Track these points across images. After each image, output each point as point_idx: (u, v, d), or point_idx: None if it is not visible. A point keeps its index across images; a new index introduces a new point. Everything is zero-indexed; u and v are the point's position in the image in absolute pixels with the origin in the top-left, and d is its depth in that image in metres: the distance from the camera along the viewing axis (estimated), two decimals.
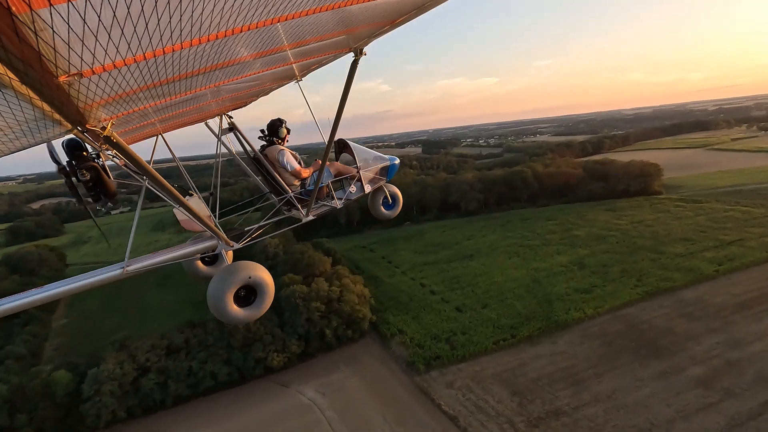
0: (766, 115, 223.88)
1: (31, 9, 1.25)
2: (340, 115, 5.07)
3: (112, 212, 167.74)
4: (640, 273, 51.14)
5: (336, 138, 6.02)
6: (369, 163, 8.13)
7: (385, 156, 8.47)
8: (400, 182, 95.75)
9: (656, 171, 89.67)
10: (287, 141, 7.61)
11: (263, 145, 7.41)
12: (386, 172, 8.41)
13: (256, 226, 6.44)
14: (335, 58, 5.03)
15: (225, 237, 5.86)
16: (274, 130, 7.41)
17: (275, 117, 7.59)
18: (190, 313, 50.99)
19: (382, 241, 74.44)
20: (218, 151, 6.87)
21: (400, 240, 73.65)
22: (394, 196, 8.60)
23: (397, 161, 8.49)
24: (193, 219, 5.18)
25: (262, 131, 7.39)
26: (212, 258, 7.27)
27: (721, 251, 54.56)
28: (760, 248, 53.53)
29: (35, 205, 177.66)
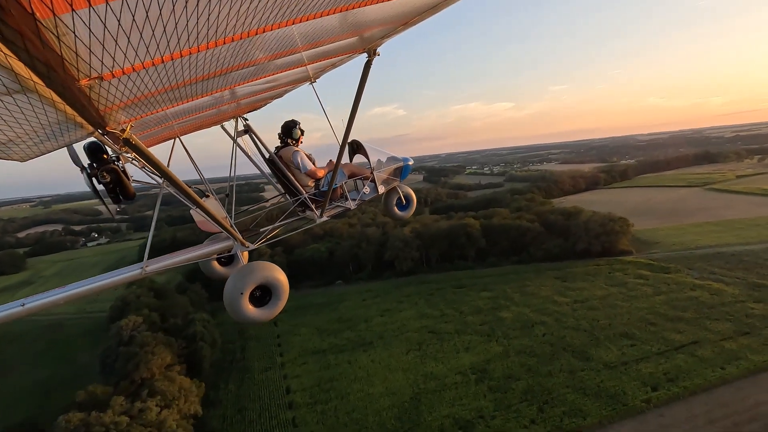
0: None
1: (54, 14, 1.32)
2: (354, 116, 5.11)
3: (88, 245, 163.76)
4: (547, 397, 40.93)
5: (350, 139, 6.03)
6: (382, 164, 8.00)
7: (399, 156, 8.27)
8: (336, 228, 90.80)
9: (623, 227, 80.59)
10: (301, 142, 7.53)
11: (278, 147, 7.41)
12: (400, 172, 8.25)
13: (271, 227, 6.55)
14: (349, 58, 5.14)
15: (240, 238, 5.87)
16: (288, 131, 7.40)
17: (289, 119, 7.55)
18: (37, 403, 47.01)
19: (295, 309, 66.65)
20: (234, 154, 6.86)
21: (313, 310, 67.10)
22: (407, 197, 8.45)
23: (411, 162, 8.33)
24: (210, 220, 5.39)
25: (279, 134, 7.49)
26: (228, 258, 7.24)
27: (664, 362, 43.92)
28: (714, 360, 43.45)
29: (23, 234, 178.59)
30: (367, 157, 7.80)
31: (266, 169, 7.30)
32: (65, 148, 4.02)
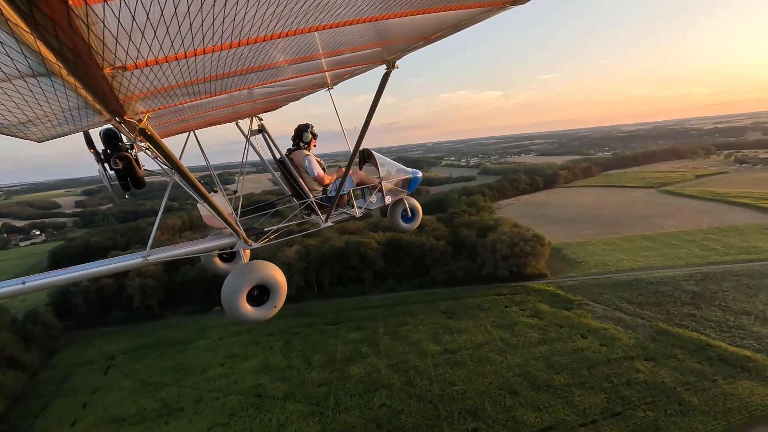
0: (754, 141, 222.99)
1: (86, 3, 1.41)
2: (368, 125, 5.18)
3: (21, 244, 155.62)
4: None
5: (361, 148, 6.24)
6: (391, 175, 8.03)
7: (408, 169, 8.32)
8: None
9: (535, 248, 70.70)
10: (314, 146, 7.71)
11: (290, 149, 7.55)
12: (408, 184, 8.21)
13: (275, 227, 6.56)
14: (368, 69, 5.19)
15: (244, 236, 6.00)
16: (299, 134, 7.52)
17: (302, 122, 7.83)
18: None
19: (142, 347, 59.00)
20: (245, 152, 7.05)
21: (160, 349, 57.57)
22: (413, 209, 8.46)
23: (420, 174, 8.45)
24: (216, 215, 5.44)
25: (293, 137, 7.74)
26: (230, 255, 7.48)
27: None
28: None
29: None
30: (376, 166, 7.75)
31: (276, 170, 7.52)
32: (81, 132, 4.28)
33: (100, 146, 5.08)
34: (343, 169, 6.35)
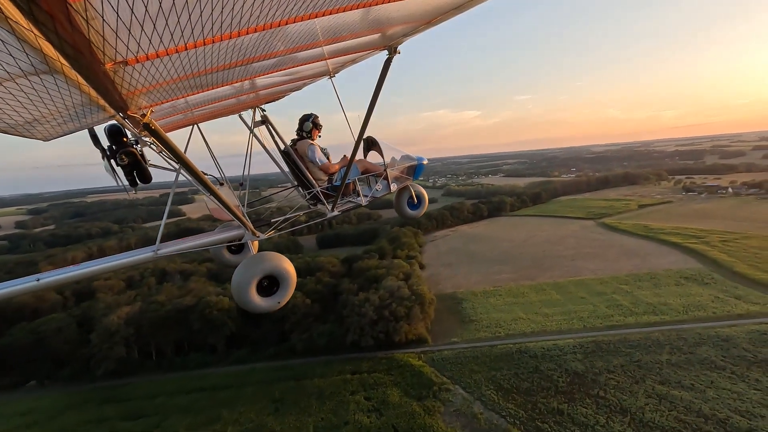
0: (708, 167, 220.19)
1: None
2: (371, 112, 5.05)
3: None
4: None
5: (365, 135, 6.03)
6: (396, 162, 7.93)
7: (413, 155, 8.19)
8: None
9: (413, 311, 57.23)
10: (318, 136, 7.48)
11: (294, 139, 7.39)
12: (413, 171, 8.07)
13: (282, 218, 6.45)
14: (369, 55, 5.14)
15: (252, 227, 5.86)
16: (301, 124, 7.41)
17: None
18: None
19: None
20: (250, 143, 6.77)
21: None
22: (419, 196, 8.36)
23: (425, 161, 8.31)
24: (222, 208, 5.19)
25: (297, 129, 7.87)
26: (238, 247, 7.37)
27: None
28: None
29: None
30: (381, 154, 7.71)
31: (281, 161, 7.32)
32: (86, 129, 4.31)
33: (105, 143, 5.01)
34: (348, 158, 6.33)
